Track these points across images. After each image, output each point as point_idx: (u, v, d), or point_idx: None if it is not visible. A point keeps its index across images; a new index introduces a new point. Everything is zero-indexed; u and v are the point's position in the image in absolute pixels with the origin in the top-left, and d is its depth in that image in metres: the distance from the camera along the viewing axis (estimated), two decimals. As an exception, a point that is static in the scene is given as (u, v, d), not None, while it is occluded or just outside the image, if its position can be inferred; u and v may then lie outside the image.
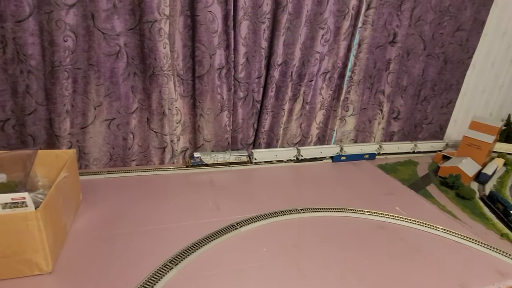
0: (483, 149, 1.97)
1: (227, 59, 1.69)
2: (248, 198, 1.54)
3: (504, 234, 1.38)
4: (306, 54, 1.85)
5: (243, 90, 1.81)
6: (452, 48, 2.18)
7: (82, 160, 1.67)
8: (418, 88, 2.24)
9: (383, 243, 1.28)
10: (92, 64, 1.50)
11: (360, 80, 2.06)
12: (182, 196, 1.50)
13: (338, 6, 1.81)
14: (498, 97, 2.70)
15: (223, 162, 1.81)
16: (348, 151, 2.07)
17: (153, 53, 1.53)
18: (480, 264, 1.20)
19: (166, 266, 1.04)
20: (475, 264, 1.21)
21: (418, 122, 2.36)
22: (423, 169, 2.05)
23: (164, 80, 1.60)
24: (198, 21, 1.57)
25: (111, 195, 1.46)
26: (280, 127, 1.97)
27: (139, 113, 1.68)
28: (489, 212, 1.58)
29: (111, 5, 1.43)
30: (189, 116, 1.80)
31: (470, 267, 1.18)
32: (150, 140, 1.74)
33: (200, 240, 1.18)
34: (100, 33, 1.46)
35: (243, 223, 1.31)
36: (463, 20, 2.11)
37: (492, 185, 1.89)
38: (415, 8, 1.98)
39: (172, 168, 1.74)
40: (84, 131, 1.61)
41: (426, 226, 1.39)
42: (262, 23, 1.70)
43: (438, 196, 1.71)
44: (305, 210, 1.44)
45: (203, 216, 1.36)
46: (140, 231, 1.23)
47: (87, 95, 1.55)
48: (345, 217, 1.45)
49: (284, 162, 1.95)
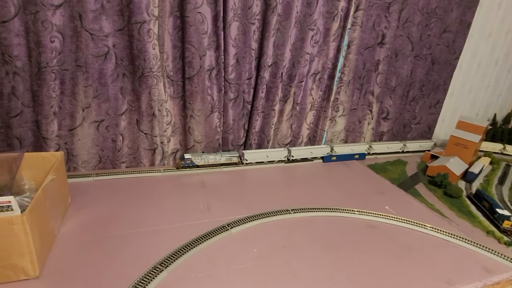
0: (469, 148, 2.01)
1: (217, 60, 1.69)
2: (239, 199, 1.54)
3: (490, 232, 1.41)
4: (296, 55, 1.86)
5: (233, 91, 1.81)
6: (439, 49, 2.22)
7: (71, 162, 1.64)
8: (407, 88, 2.27)
9: (373, 242, 1.30)
10: (80, 65, 1.48)
11: (349, 81, 2.08)
12: (173, 198, 1.49)
13: (327, 8, 1.83)
14: (484, 97, 2.75)
15: (214, 164, 1.81)
16: (338, 151, 2.09)
17: (142, 54, 1.52)
18: (466, 261, 1.23)
19: (156, 269, 1.04)
20: (462, 261, 1.23)
21: (407, 122, 2.40)
22: (412, 169, 2.09)
23: (153, 81, 1.59)
24: (188, 22, 1.56)
25: (100, 198, 1.44)
26: (271, 128, 1.98)
27: (128, 115, 1.66)
28: (476, 210, 1.61)
29: (99, 5, 1.42)
30: (180, 117, 1.80)
31: (457, 264, 1.21)
32: (140, 141, 1.73)
33: (191, 242, 1.18)
34: (88, 34, 1.44)
35: (234, 224, 1.31)
36: (449, 22, 2.15)
37: (479, 184, 1.93)
38: (403, 10, 2.01)
39: (162, 170, 1.73)
40: (72, 133, 1.59)
41: (415, 224, 1.41)
42: (252, 24, 1.70)
43: (426, 195, 1.74)
44: (295, 211, 1.45)
45: (194, 218, 1.35)
46: (130, 234, 1.22)
47: (75, 96, 1.53)
48: (335, 217, 1.46)
49: (275, 163, 1.96)
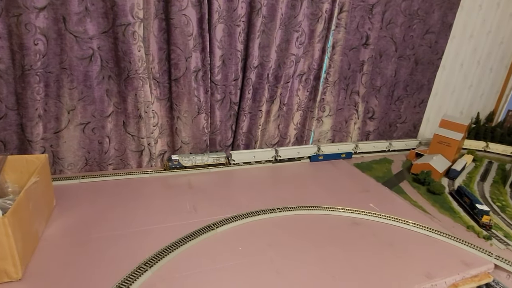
0: (452, 146, 2.06)
1: (203, 61, 1.70)
2: (226, 199, 1.55)
3: (470, 226, 1.45)
4: (282, 56, 1.89)
5: (220, 92, 1.83)
6: (422, 50, 2.27)
7: (57, 165, 1.64)
8: (391, 88, 2.31)
9: (356, 239, 1.32)
10: (65, 68, 1.48)
11: (335, 82, 2.11)
12: (159, 199, 1.50)
13: (311, 10, 1.86)
14: (467, 97, 2.82)
15: (202, 164, 1.82)
16: (325, 151, 2.12)
17: (128, 56, 1.52)
18: (446, 255, 1.26)
19: (140, 269, 1.04)
20: (442, 255, 1.26)
21: (393, 121, 2.44)
22: (397, 167, 2.13)
23: (139, 83, 1.59)
24: (173, 24, 1.57)
25: (86, 200, 1.44)
26: (258, 128, 2.00)
27: (115, 117, 1.67)
28: (457, 206, 1.65)
29: (83, 8, 1.42)
30: (167, 119, 1.80)
31: (437, 258, 1.24)
32: (126, 143, 1.73)
33: (176, 242, 1.19)
34: (72, 36, 1.44)
35: (219, 224, 1.32)
36: (431, 23, 2.20)
37: (461, 180, 1.98)
38: (386, 11, 2.05)
39: (150, 172, 1.73)
40: (57, 136, 1.58)
41: (397, 221, 1.45)
42: (237, 26, 1.72)
43: (410, 192, 1.78)
44: (281, 209, 1.47)
45: (180, 218, 1.36)
46: (115, 235, 1.22)
47: (60, 99, 1.53)
48: (320, 215, 1.48)
49: (262, 163, 1.98)
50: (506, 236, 1.41)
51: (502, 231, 1.46)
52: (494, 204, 1.72)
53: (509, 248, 1.33)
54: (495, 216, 1.59)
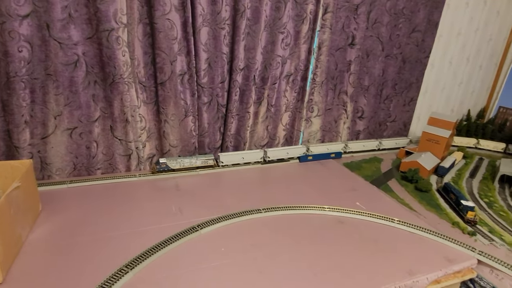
0: (441, 144, 2.07)
1: (188, 65, 1.72)
2: (213, 201, 1.56)
3: (455, 223, 1.46)
4: (268, 58, 1.91)
5: (207, 95, 1.84)
6: (409, 49, 2.28)
7: (45, 170, 1.65)
8: (380, 87, 2.33)
9: (341, 237, 1.33)
10: (50, 74, 1.50)
11: (322, 82, 2.12)
12: (146, 202, 1.51)
13: (296, 11, 1.88)
14: (458, 94, 2.83)
15: (190, 167, 1.83)
16: (314, 151, 2.13)
17: (112, 61, 1.54)
18: (429, 252, 1.27)
19: (121, 271, 1.05)
20: (425, 252, 1.27)
21: (382, 120, 2.45)
22: (387, 165, 2.13)
23: (125, 88, 1.61)
24: (157, 29, 1.59)
25: (73, 205, 1.45)
26: (246, 130, 2.01)
27: (102, 121, 1.68)
28: (444, 203, 1.65)
29: (66, 14, 1.44)
30: (154, 122, 1.82)
31: (420, 255, 1.24)
32: (114, 147, 1.74)
33: (159, 244, 1.19)
34: (57, 43, 1.46)
35: (203, 225, 1.33)
36: (417, 22, 2.21)
37: (451, 177, 1.98)
38: (371, 11, 2.07)
39: (138, 175, 1.75)
40: (45, 141, 1.60)
41: (382, 218, 1.45)
42: (222, 29, 1.74)
43: (398, 190, 1.78)
44: (266, 210, 1.47)
45: (165, 220, 1.37)
46: (100, 239, 1.23)
47: (46, 105, 1.54)
48: (306, 214, 1.49)
49: (251, 164, 1.99)
50: (491, 232, 1.42)
51: (488, 226, 1.46)
52: (482, 200, 1.72)
53: (493, 244, 1.33)
54: (481, 212, 1.59)
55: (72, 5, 1.44)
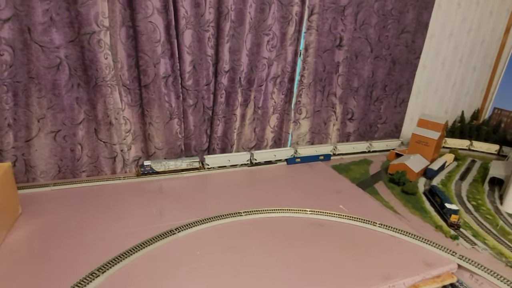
0: (430, 145, 2.04)
1: (172, 67, 1.72)
2: (195, 203, 1.55)
3: (438, 226, 1.43)
4: (254, 60, 1.90)
5: (192, 97, 1.84)
6: (399, 50, 2.26)
7: (29, 173, 1.66)
8: (370, 89, 2.31)
9: (320, 240, 1.31)
10: (32, 77, 1.51)
11: (310, 84, 2.11)
12: (127, 205, 1.51)
13: (281, 13, 1.87)
14: (451, 95, 2.80)
15: (175, 169, 1.83)
16: (302, 153, 2.11)
17: (94, 64, 1.54)
18: (409, 256, 1.25)
19: (92, 274, 1.05)
20: (404, 255, 1.25)
21: (373, 122, 2.43)
22: (376, 168, 2.11)
23: (108, 91, 1.61)
24: (139, 32, 1.59)
25: (54, 208, 1.45)
26: (233, 132, 2.00)
27: (86, 124, 1.69)
28: (430, 206, 1.63)
29: (47, 18, 1.45)
30: (139, 125, 1.82)
31: (399, 259, 1.22)
32: (99, 150, 1.74)
33: (133, 247, 1.19)
34: (38, 46, 1.47)
35: (182, 228, 1.32)
36: (406, 22, 2.20)
37: (440, 180, 1.96)
38: (359, 12, 2.06)
39: (122, 178, 1.75)
40: (28, 144, 1.60)
41: (364, 222, 1.43)
42: (206, 32, 1.74)
43: (384, 192, 1.76)
44: (247, 213, 1.46)
45: (144, 223, 1.37)
46: (76, 242, 1.23)
47: (29, 108, 1.55)
48: (287, 217, 1.48)
49: (238, 167, 1.98)
50: (475, 235, 1.39)
51: (472, 230, 1.43)
52: (469, 203, 1.70)
53: (475, 248, 1.31)
54: (466, 215, 1.56)
55: (54, 9, 1.45)
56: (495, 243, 1.35)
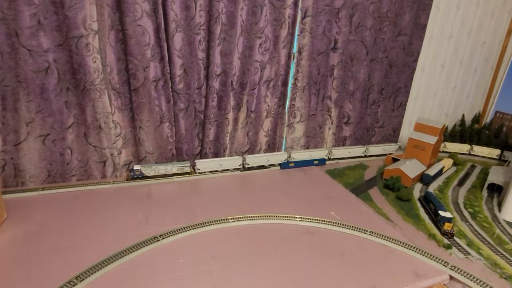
0: (427, 150, 2.00)
1: (162, 71, 1.70)
2: (183, 209, 1.53)
3: (431, 235, 1.39)
4: (246, 63, 1.88)
5: (183, 101, 1.82)
6: (395, 52, 2.22)
7: (18, 177, 1.65)
8: (366, 92, 2.27)
9: (307, 249, 1.28)
10: (20, 81, 1.50)
11: (304, 87, 2.08)
12: (114, 210, 1.49)
13: (274, 15, 1.84)
14: (452, 98, 2.74)
15: (165, 174, 1.80)
16: (296, 158, 2.08)
17: (83, 68, 1.53)
18: (398, 266, 1.20)
19: (70, 282, 1.03)
20: (394, 265, 1.20)
21: (370, 126, 2.39)
22: (372, 173, 2.07)
23: (96, 95, 1.60)
24: (128, 35, 1.58)
25: (40, 212, 1.44)
26: (226, 136, 1.98)
27: (75, 128, 1.67)
28: (424, 213, 1.58)
29: (35, 22, 1.44)
30: (130, 129, 1.80)
31: (388, 269, 1.18)
32: (89, 154, 1.73)
33: (115, 255, 1.16)
34: (26, 50, 1.46)
35: (166, 235, 1.30)
36: (403, 25, 2.15)
37: (437, 185, 1.91)
38: (354, 15, 2.02)
39: (112, 182, 1.73)
40: (17, 148, 1.59)
41: (354, 229, 1.39)
42: (197, 35, 1.72)
43: (377, 199, 1.72)
44: (234, 219, 1.43)
45: (128, 229, 1.34)
46: (58, 248, 1.21)
47: (18, 112, 1.54)
48: (276, 224, 1.44)
49: (230, 171, 1.95)
50: (469, 245, 1.34)
51: (466, 239, 1.39)
52: (466, 210, 1.64)
53: (468, 258, 1.26)
54: (462, 223, 1.52)
55: (41, 12, 1.44)
56: (490, 253, 1.30)
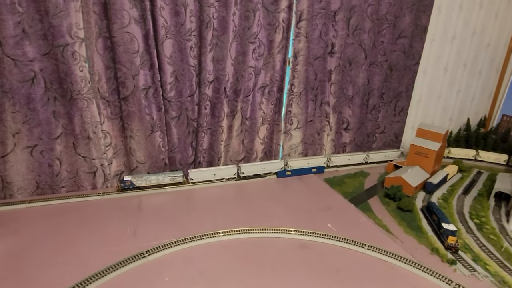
0: (430, 157, 1.91)
1: (152, 78, 1.65)
2: (173, 222, 1.47)
3: (434, 249, 1.30)
4: (239, 69, 1.82)
5: (175, 109, 1.77)
6: (395, 56, 2.15)
7: (6, 189, 1.61)
8: (365, 97, 2.19)
9: (300, 265, 1.21)
10: (5, 91, 1.46)
11: (301, 93, 2.02)
12: (101, 223, 1.43)
13: (268, 20, 1.79)
14: (456, 102, 2.65)
15: (157, 184, 1.75)
16: (293, 166, 2.01)
17: (69, 77, 1.49)
18: (398, 283, 1.12)
19: (46, 305, 0.97)
20: (394, 283, 1.12)
21: (370, 131, 2.31)
22: (372, 181, 1.99)
23: (84, 104, 1.56)
24: (116, 43, 1.54)
25: (25, 226, 1.39)
26: (220, 144, 1.92)
27: (64, 138, 1.63)
28: (427, 225, 1.50)
29: (19, 31, 1.40)
30: (121, 138, 1.75)
31: (385, 286, 1.10)
32: (78, 165, 1.68)
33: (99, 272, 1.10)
34: (10, 60, 1.42)
35: (152, 251, 1.24)
36: (403, 27, 2.08)
37: (441, 194, 1.82)
38: (351, 17, 1.96)
39: (101, 193, 1.68)
40: (4, 160, 1.55)
41: (351, 243, 1.32)
42: (188, 41, 1.67)
43: (377, 209, 1.64)
44: (226, 233, 1.37)
45: (115, 244, 1.29)
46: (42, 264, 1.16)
47: (4, 123, 1.50)
48: (269, 238, 1.37)
49: (224, 181, 1.89)
50: (475, 260, 1.25)
51: (472, 253, 1.30)
52: (472, 221, 1.55)
53: (474, 275, 1.18)
54: (467, 235, 1.43)
55: (26, 21, 1.40)
56: (498, 269, 1.21)
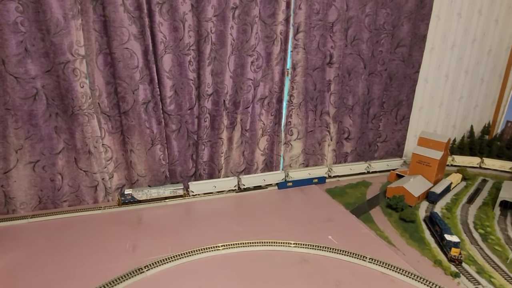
0: (432, 166, 1.89)
1: (152, 93, 1.67)
2: (173, 235, 1.46)
3: (437, 261, 1.28)
4: (238, 81, 1.83)
5: (175, 122, 1.78)
6: (395, 65, 2.15)
7: (9, 205, 1.62)
8: (366, 106, 2.19)
9: (300, 280, 1.19)
10: (8, 108, 1.49)
11: (300, 103, 2.02)
12: (102, 238, 1.44)
13: (265, 33, 1.81)
14: (459, 109, 2.63)
15: (158, 197, 1.75)
16: (294, 177, 2.00)
17: (70, 93, 1.52)
18: (399, 299, 1.10)
19: (43, 323, 0.97)
20: (395, 298, 1.10)
21: (372, 141, 2.29)
22: (374, 191, 1.96)
23: (85, 119, 1.58)
24: (116, 59, 1.56)
25: (25, 242, 1.40)
26: (220, 156, 1.92)
27: (66, 153, 1.65)
28: (430, 236, 1.47)
29: (22, 49, 1.44)
30: (122, 152, 1.77)
31: (387, 303, 1.08)
32: (80, 179, 1.70)
33: (95, 289, 1.11)
34: (13, 78, 1.46)
35: (151, 266, 1.23)
36: (401, 36, 2.09)
37: (445, 204, 1.79)
38: (349, 28, 1.97)
39: (102, 207, 1.69)
40: (7, 176, 1.58)
41: (352, 256, 1.30)
42: (186, 55, 1.69)
43: (379, 220, 1.62)
44: (225, 246, 1.36)
45: (113, 259, 1.29)
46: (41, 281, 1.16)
47: (7, 139, 1.53)
48: (269, 251, 1.36)
49: (225, 193, 1.88)
50: (479, 272, 1.23)
51: (476, 265, 1.27)
52: (476, 232, 1.52)
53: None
54: (472, 246, 1.40)
55: (28, 40, 1.44)
56: (503, 282, 1.18)
